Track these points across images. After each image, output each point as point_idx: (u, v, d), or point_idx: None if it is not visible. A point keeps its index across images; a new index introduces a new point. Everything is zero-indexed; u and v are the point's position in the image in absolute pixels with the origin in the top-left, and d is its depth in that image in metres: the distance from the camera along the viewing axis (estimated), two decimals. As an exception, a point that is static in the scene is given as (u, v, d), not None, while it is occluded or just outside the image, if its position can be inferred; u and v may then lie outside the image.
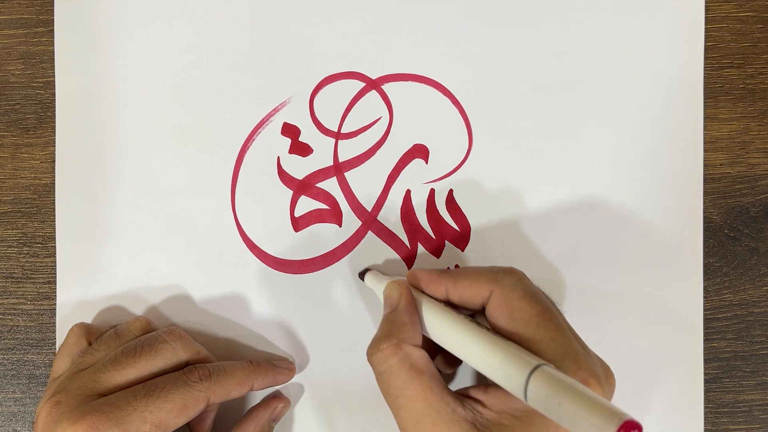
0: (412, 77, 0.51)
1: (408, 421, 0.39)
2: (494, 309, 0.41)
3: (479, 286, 0.42)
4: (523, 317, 0.39)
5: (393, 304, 0.44)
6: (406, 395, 0.39)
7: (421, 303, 0.43)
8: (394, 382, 0.40)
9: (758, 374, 0.51)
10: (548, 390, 0.34)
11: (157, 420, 0.42)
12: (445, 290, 0.43)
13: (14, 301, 0.52)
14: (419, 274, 0.44)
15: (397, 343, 0.41)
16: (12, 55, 0.52)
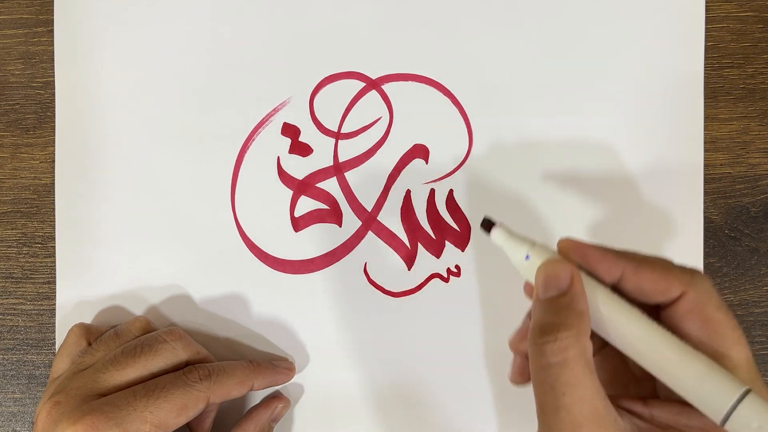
0: (412, 77, 0.51)
1: (568, 424, 0.34)
2: (685, 313, 0.36)
3: (669, 282, 0.36)
4: (719, 331, 0.35)
5: (561, 287, 0.37)
6: (576, 395, 0.34)
7: (593, 290, 0.37)
8: (566, 377, 0.34)
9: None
10: (761, 420, 0.31)
11: (157, 420, 0.42)
12: (621, 274, 0.37)
13: (14, 302, 0.52)
14: (587, 250, 0.38)
15: (577, 333, 0.35)
16: (12, 55, 0.52)
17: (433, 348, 0.51)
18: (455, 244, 0.51)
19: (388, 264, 0.51)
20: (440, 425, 0.51)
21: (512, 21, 0.51)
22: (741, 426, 0.32)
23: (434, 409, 0.51)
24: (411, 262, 0.51)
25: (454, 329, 0.51)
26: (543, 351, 0.35)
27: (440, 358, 0.51)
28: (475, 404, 0.51)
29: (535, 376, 0.36)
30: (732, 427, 0.32)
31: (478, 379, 0.51)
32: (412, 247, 0.51)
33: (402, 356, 0.51)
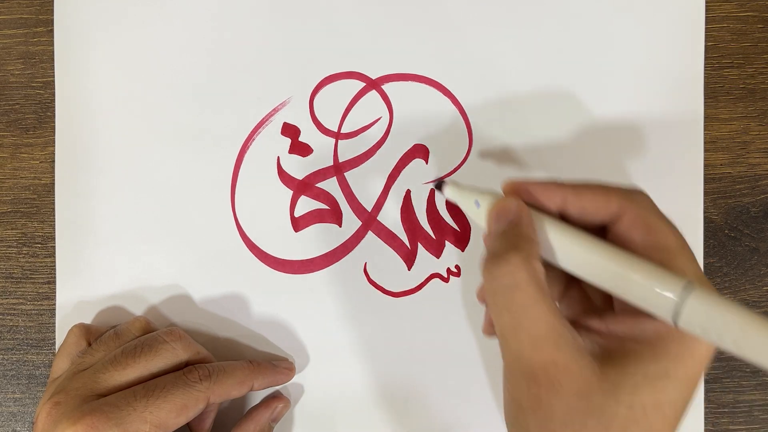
0: (412, 77, 0.51)
1: (528, 344, 0.35)
2: (628, 226, 0.37)
3: (607, 200, 0.38)
4: (663, 239, 0.36)
5: (510, 218, 0.38)
6: (530, 315, 0.35)
7: (539, 219, 0.38)
8: (519, 298, 0.35)
9: (759, 374, 0.51)
10: (710, 310, 0.32)
11: (157, 420, 0.42)
12: (562, 201, 0.39)
13: (14, 302, 0.52)
14: (527, 185, 0.40)
15: (526, 255, 0.36)
16: (12, 55, 0.52)
17: (433, 348, 0.51)
18: (455, 244, 0.51)
19: (388, 264, 0.51)
20: (440, 425, 0.51)
21: (512, 21, 0.51)
22: (692, 319, 0.32)
23: (434, 408, 0.51)
24: (411, 262, 0.51)
25: (454, 329, 0.51)
26: (495, 275, 0.36)
27: (440, 357, 0.51)
28: (475, 404, 0.51)
29: (491, 302, 0.37)
30: (683, 323, 0.33)
31: (477, 378, 0.51)
32: (412, 247, 0.51)
33: (402, 356, 0.51)
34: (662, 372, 0.35)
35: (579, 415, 0.34)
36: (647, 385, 0.35)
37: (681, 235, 0.37)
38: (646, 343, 0.36)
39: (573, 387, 0.34)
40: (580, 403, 0.34)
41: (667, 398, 0.35)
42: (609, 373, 0.35)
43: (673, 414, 0.35)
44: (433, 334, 0.51)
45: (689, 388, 0.35)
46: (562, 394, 0.35)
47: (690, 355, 0.35)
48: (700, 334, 0.32)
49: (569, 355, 0.35)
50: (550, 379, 0.35)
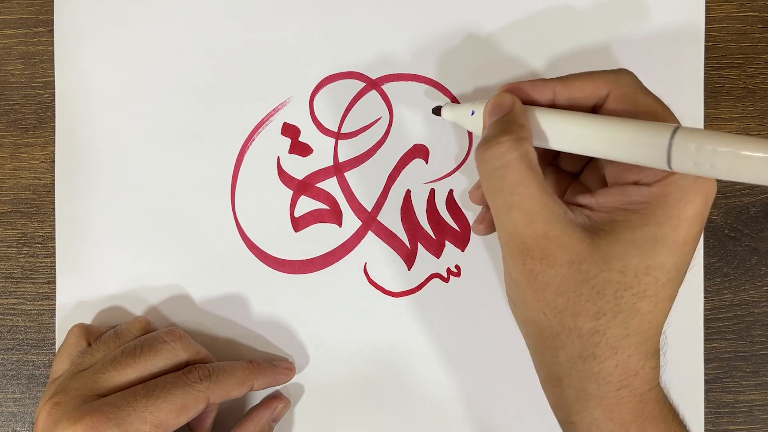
0: (412, 77, 0.51)
1: (520, 221, 0.37)
2: (615, 105, 0.39)
3: (594, 85, 0.40)
4: (649, 110, 0.38)
5: (505, 110, 0.41)
6: (523, 192, 0.37)
7: (529, 110, 0.40)
8: (511, 177, 0.37)
9: (759, 374, 0.51)
10: (698, 142, 0.33)
11: (157, 420, 0.42)
12: (552, 93, 0.41)
13: (14, 302, 0.52)
14: (519, 84, 0.42)
15: (517, 138, 0.38)
16: (12, 54, 0.52)
17: (433, 348, 0.51)
18: (455, 244, 0.51)
19: (388, 264, 0.51)
20: (440, 424, 0.51)
21: (513, 21, 0.51)
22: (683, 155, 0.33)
23: (434, 408, 0.51)
24: (411, 262, 0.51)
25: (454, 329, 0.51)
26: (487, 157, 0.38)
27: (440, 357, 0.51)
28: (475, 404, 0.51)
29: (485, 185, 0.39)
30: (676, 164, 0.34)
31: (477, 378, 0.51)
32: (412, 247, 0.51)
33: (402, 356, 0.51)
34: (650, 237, 0.36)
35: (572, 284, 0.37)
36: (636, 251, 0.36)
37: (666, 106, 0.39)
38: (634, 211, 0.37)
39: (565, 257, 0.37)
40: (573, 272, 0.37)
41: (657, 263, 0.36)
42: (599, 242, 0.37)
43: (667, 279, 0.37)
44: (433, 334, 0.51)
45: (680, 254, 0.37)
46: (555, 265, 0.37)
47: (676, 217, 0.36)
48: (694, 170, 0.33)
49: (560, 228, 0.37)
50: (543, 251, 0.37)
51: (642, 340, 0.37)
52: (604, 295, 0.37)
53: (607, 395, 0.37)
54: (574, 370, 0.38)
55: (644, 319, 0.37)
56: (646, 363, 0.37)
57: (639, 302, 0.37)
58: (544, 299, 0.38)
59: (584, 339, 0.37)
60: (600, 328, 0.37)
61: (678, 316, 0.50)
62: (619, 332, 0.37)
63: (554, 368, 0.39)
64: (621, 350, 0.37)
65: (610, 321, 0.37)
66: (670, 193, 0.36)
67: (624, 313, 0.37)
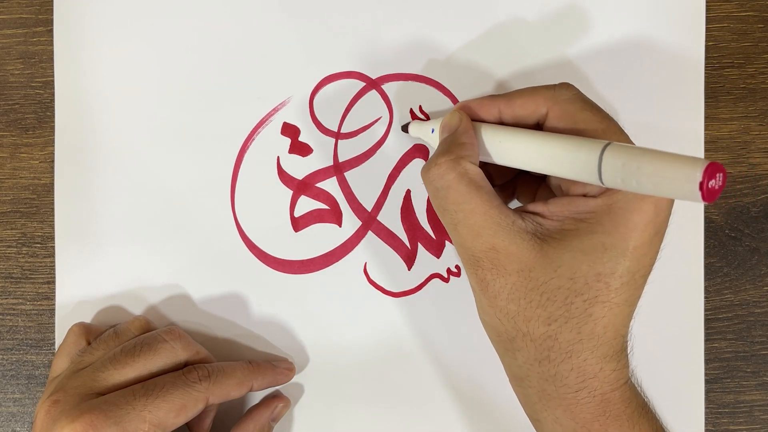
0: (412, 77, 0.51)
1: (467, 236, 0.39)
2: (554, 122, 0.40)
3: (535, 103, 0.41)
4: (587, 126, 0.39)
5: (452, 129, 0.43)
6: (466, 209, 0.39)
7: (477, 127, 0.42)
8: (452, 196, 0.39)
9: (759, 374, 0.51)
10: (624, 158, 0.33)
11: (156, 419, 0.42)
12: (498, 111, 0.43)
13: (13, 302, 0.52)
14: (469, 103, 0.44)
15: (455, 158, 0.40)
16: (11, 54, 0.52)
17: (432, 348, 0.51)
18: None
19: (388, 264, 0.51)
20: (440, 424, 0.51)
21: (512, 21, 0.51)
22: (612, 171, 0.34)
23: (434, 408, 0.51)
24: (411, 262, 0.51)
25: (454, 329, 0.51)
26: (429, 179, 0.41)
27: (440, 357, 0.51)
28: (474, 404, 0.51)
29: (433, 204, 0.41)
30: (607, 179, 0.34)
31: (477, 378, 0.51)
32: (412, 247, 0.51)
33: (402, 356, 0.51)
34: (598, 245, 0.37)
35: (522, 291, 0.38)
36: (585, 258, 0.37)
37: (607, 117, 0.39)
38: (582, 220, 0.38)
39: (514, 266, 0.38)
40: (522, 280, 0.38)
41: (608, 269, 0.37)
42: (548, 250, 0.38)
43: (620, 284, 0.37)
44: (433, 334, 0.51)
45: (632, 260, 0.37)
46: (505, 274, 0.38)
47: (623, 225, 0.37)
48: (622, 186, 0.34)
49: (508, 239, 0.38)
50: (492, 261, 0.39)
51: (597, 344, 0.38)
52: (554, 301, 0.37)
53: (565, 396, 0.38)
54: (532, 372, 0.39)
55: (597, 324, 0.37)
56: (605, 366, 0.38)
57: (591, 308, 0.37)
58: (497, 306, 0.39)
59: (537, 343, 0.38)
60: (552, 333, 0.38)
61: (678, 316, 0.50)
62: (571, 337, 0.37)
63: (515, 370, 0.40)
64: (575, 354, 0.37)
65: (561, 326, 0.37)
66: (615, 203, 0.37)
67: (575, 318, 0.37)
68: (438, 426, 0.51)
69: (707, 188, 0.30)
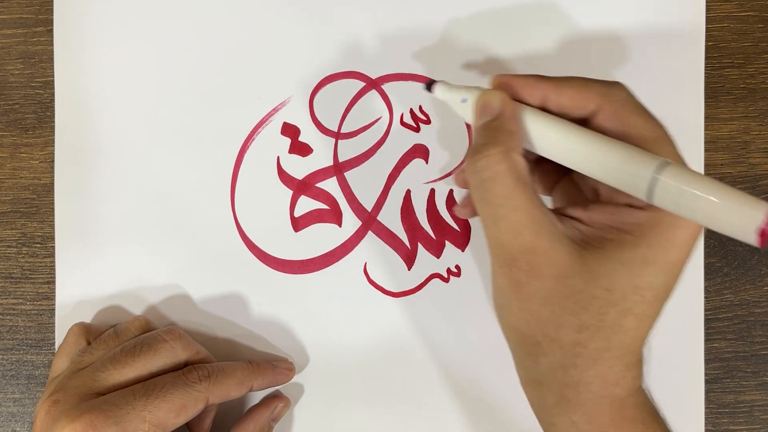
0: (412, 77, 0.51)
1: (508, 233, 0.37)
2: (603, 122, 0.39)
3: (586, 96, 0.39)
4: (638, 133, 0.37)
5: (494, 113, 0.40)
6: (510, 205, 0.37)
7: (520, 110, 0.40)
8: (498, 190, 0.37)
9: (759, 374, 0.51)
10: (682, 183, 0.32)
11: (156, 419, 0.42)
12: (542, 96, 0.40)
13: (13, 302, 0.52)
14: (510, 80, 0.41)
15: (505, 149, 0.37)
16: (11, 54, 0.52)
17: (433, 348, 0.51)
18: (455, 244, 0.51)
19: (388, 264, 0.51)
20: (440, 424, 0.51)
21: (512, 21, 0.51)
22: (666, 194, 0.33)
23: (434, 408, 0.51)
24: (411, 262, 0.51)
25: (454, 329, 0.51)
26: (475, 169, 0.38)
27: (440, 357, 0.51)
28: (474, 404, 0.51)
29: (474, 195, 0.39)
30: (657, 199, 0.34)
31: (477, 378, 0.51)
32: (412, 247, 0.51)
33: (402, 356, 0.51)
34: (640, 258, 0.36)
35: (557, 297, 0.37)
36: (625, 270, 0.36)
37: (659, 125, 0.38)
38: (626, 232, 0.37)
39: (551, 270, 0.37)
40: (559, 286, 0.37)
41: (646, 283, 0.36)
42: (588, 258, 0.37)
43: (654, 297, 0.37)
44: (433, 334, 0.51)
45: (669, 274, 0.37)
46: (541, 277, 0.37)
47: (667, 240, 0.36)
48: (673, 210, 0.33)
49: (547, 242, 0.37)
50: (529, 263, 0.37)
51: (624, 353, 0.37)
52: (588, 310, 0.37)
53: (586, 402, 0.38)
54: (554, 377, 0.38)
55: (627, 334, 0.37)
56: (627, 373, 0.38)
57: (623, 319, 0.37)
58: (528, 309, 0.38)
59: (565, 350, 0.37)
60: (582, 341, 0.37)
61: (678, 316, 0.50)
62: (601, 345, 0.37)
63: (534, 373, 0.39)
64: (602, 362, 0.37)
65: (593, 335, 0.37)
66: (662, 217, 0.36)
67: (607, 328, 0.37)
68: (438, 426, 0.51)
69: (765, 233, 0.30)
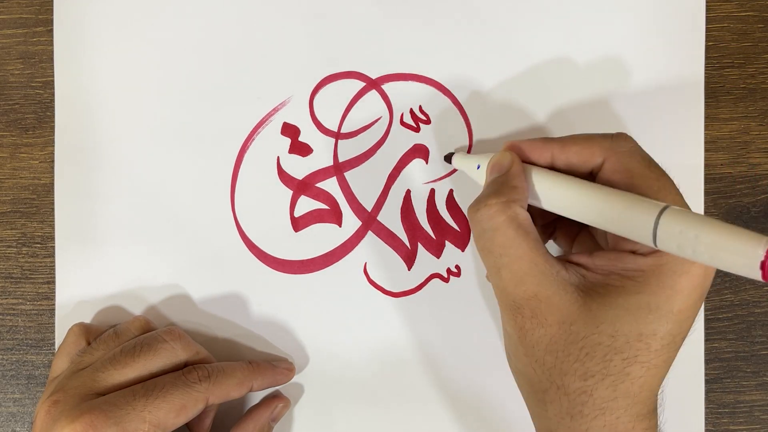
0: (412, 77, 0.51)
1: (510, 281, 0.38)
2: (610, 174, 0.39)
3: (591, 151, 0.40)
4: (644, 182, 0.38)
5: (503, 169, 0.42)
6: (512, 254, 0.38)
7: (528, 170, 0.42)
8: (499, 239, 0.39)
9: (759, 374, 0.51)
10: (683, 225, 0.32)
11: (156, 420, 0.42)
12: (551, 156, 0.42)
13: (13, 302, 0.52)
14: (519, 144, 0.43)
15: (507, 201, 0.39)
16: (11, 54, 0.52)
17: (432, 348, 0.51)
18: (455, 244, 0.51)
19: (388, 264, 0.51)
20: (440, 423, 0.51)
21: (512, 21, 0.51)
22: (668, 236, 0.33)
23: (434, 408, 0.51)
24: (411, 262, 0.51)
25: (454, 329, 0.51)
26: (477, 219, 0.40)
27: (440, 357, 0.51)
28: (474, 403, 0.51)
29: (477, 245, 0.41)
30: (661, 243, 0.34)
31: (477, 378, 0.51)
32: (412, 247, 0.51)
33: (402, 356, 0.51)
34: (644, 305, 0.36)
35: (561, 344, 0.37)
36: (629, 317, 0.36)
37: (664, 175, 0.39)
38: (629, 278, 0.37)
39: (555, 317, 0.37)
40: (562, 333, 0.37)
41: (650, 330, 0.36)
42: (591, 304, 0.37)
43: (660, 346, 0.37)
44: (433, 334, 0.51)
45: (674, 323, 0.37)
46: (545, 325, 0.38)
47: (671, 287, 0.36)
48: (677, 252, 0.33)
49: (551, 289, 0.38)
50: (533, 310, 0.38)
51: (632, 403, 0.37)
52: (593, 357, 0.37)
53: None
54: (562, 425, 0.38)
55: (634, 383, 0.37)
56: (637, 425, 0.37)
57: (629, 367, 0.37)
58: (533, 355, 0.38)
59: (571, 398, 0.37)
60: (587, 389, 0.37)
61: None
62: (606, 394, 0.37)
63: (545, 422, 0.39)
64: (609, 411, 0.37)
65: (598, 383, 0.37)
66: (665, 264, 0.37)
67: (613, 376, 0.37)
68: (437, 425, 0.51)
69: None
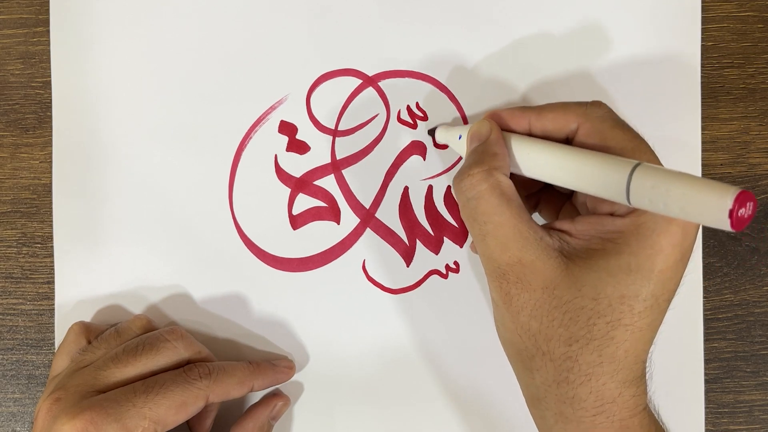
0: (408, 74, 0.51)
1: (495, 248, 0.39)
2: (585, 138, 0.40)
3: (565, 118, 0.41)
4: (617, 144, 0.39)
5: (482, 138, 0.43)
6: (495, 221, 0.39)
7: (507, 137, 0.42)
8: (483, 207, 0.39)
9: (759, 374, 0.51)
10: (654, 180, 0.33)
11: (156, 416, 0.42)
12: (528, 123, 0.43)
13: (13, 301, 0.52)
14: (499, 113, 0.44)
15: (488, 169, 0.40)
16: (11, 54, 0.52)
17: (432, 344, 0.51)
18: (454, 241, 0.51)
19: (386, 261, 0.51)
20: (439, 421, 0.51)
21: (510, 18, 0.51)
22: (640, 192, 0.34)
23: (434, 405, 0.51)
24: (410, 258, 0.51)
25: (453, 325, 0.51)
26: (461, 188, 0.41)
27: (439, 354, 0.51)
28: (474, 400, 0.51)
29: (462, 214, 0.42)
30: (634, 199, 0.34)
31: (476, 374, 0.51)
32: (411, 243, 0.51)
33: (401, 353, 0.51)
34: (624, 266, 0.37)
35: (545, 308, 0.38)
36: (610, 279, 0.37)
37: (637, 136, 0.39)
38: (609, 240, 0.38)
39: (539, 282, 0.38)
40: (546, 297, 0.38)
41: (632, 292, 0.37)
42: (573, 269, 0.38)
43: (643, 308, 0.37)
44: (432, 330, 0.51)
45: (657, 284, 0.37)
46: (529, 289, 0.38)
47: (650, 247, 0.37)
48: (650, 207, 0.34)
49: (534, 254, 0.38)
50: (517, 275, 0.38)
51: (618, 368, 0.37)
52: (576, 321, 0.37)
53: (583, 419, 0.38)
54: (550, 393, 0.38)
55: (619, 347, 0.37)
56: (624, 391, 0.37)
57: (613, 330, 0.37)
58: (518, 322, 0.39)
59: (557, 363, 0.38)
60: (572, 354, 0.37)
61: (678, 316, 0.50)
62: (592, 359, 0.37)
63: (532, 390, 0.40)
64: (595, 377, 0.37)
65: (582, 347, 0.37)
66: (643, 224, 0.37)
67: (597, 340, 0.37)
68: (437, 423, 0.51)
69: (737, 216, 0.30)
